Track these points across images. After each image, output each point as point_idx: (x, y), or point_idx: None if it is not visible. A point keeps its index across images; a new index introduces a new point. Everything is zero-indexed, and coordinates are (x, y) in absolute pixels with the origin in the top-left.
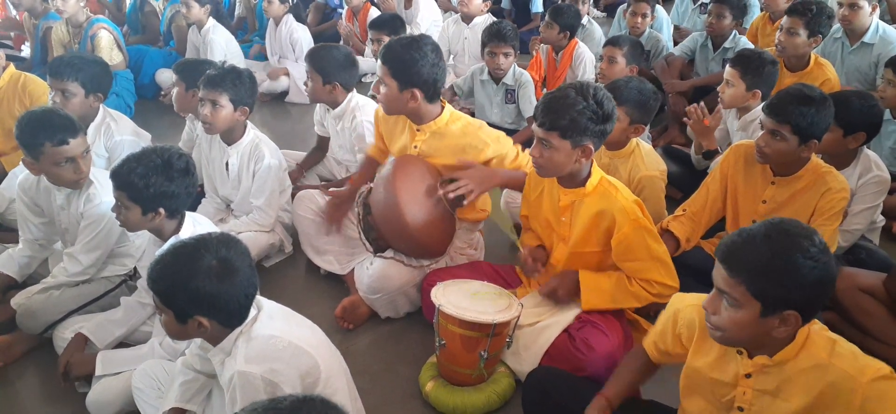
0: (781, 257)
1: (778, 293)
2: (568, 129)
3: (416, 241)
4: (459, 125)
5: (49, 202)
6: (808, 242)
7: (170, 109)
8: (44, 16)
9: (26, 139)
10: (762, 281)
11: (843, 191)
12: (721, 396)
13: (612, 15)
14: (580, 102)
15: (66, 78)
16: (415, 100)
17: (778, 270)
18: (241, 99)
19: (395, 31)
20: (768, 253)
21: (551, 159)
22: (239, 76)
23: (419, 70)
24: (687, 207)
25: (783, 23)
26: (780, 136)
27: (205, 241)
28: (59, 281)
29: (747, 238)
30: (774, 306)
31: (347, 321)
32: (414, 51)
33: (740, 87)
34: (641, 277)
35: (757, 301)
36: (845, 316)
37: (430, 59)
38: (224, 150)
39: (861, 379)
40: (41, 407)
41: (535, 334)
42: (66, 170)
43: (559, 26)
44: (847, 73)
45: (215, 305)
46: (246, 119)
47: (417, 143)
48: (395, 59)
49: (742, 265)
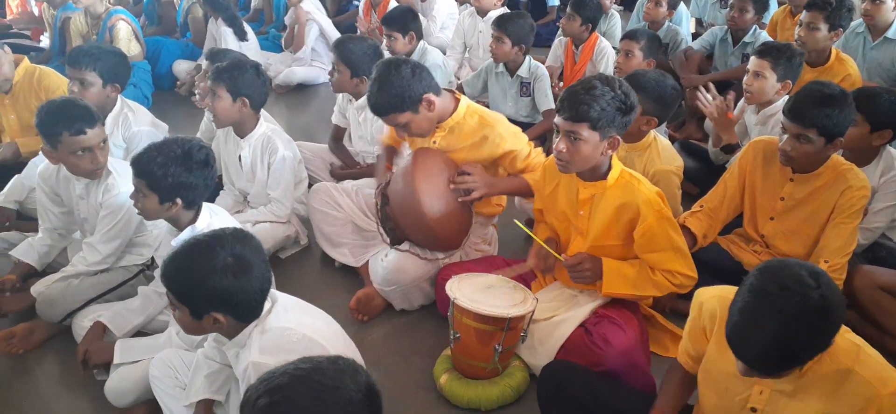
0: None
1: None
2: (597, 120)
3: (433, 232)
4: (476, 119)
5: (68, 192)
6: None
7: (187, 100)
8: (62, 6)
9: (45, 128)
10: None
11: (863, 188)
12: (734, 394)
13: (629, 8)
14: (608, 92)
15: (85, 67)
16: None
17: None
18: (240, 90)
19: (405, 28)
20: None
21: (579, 152)
22: (239, 67)
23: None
24: (704, 203)
25: (802, 18)
26: (805, 139)
27: (219, 237)
28: (78, 270)
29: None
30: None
31: (362, 313)
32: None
33: (771, 78)
34: (663, 267)
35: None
36: (864, 314)
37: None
38: (237, 144)
39: (882, 390)
40: (60, 395)
41: (551, 329)
42: (83, 159)
43: (581, 19)
44: (869, 68)
45: (231, 302)
46: (249, 110)
47: (437, 139)
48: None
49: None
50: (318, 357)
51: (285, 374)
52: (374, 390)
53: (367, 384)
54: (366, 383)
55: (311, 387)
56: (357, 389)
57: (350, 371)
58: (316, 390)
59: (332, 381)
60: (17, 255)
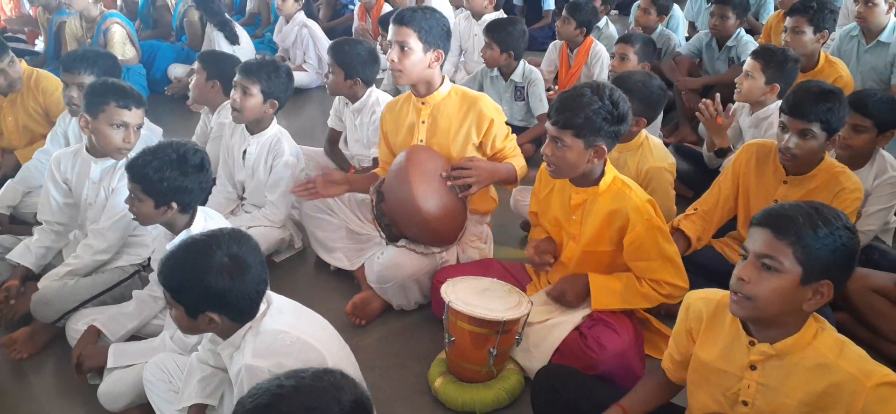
0: (827, 225)
1: (821, 260)
2: (582, 128)
3: (428, 225)
4: (460, 95)
5: (82, 176)
6: (846, 218)
7: (181, 104)
8: (57, 11)
9: (93, 95)
10: (809, 245)
11: (857, 191)
12: (726, 389)
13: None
14: (596, 102)
15: (81, 71)
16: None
17: (824, 236)
18: (272, 92)
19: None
20: (815, 220)
21: (564, 158)
22: (276, 70)
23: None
24: (698, 206)
25: (787, 23)
26: (810, 134)
27: (216, 237)
28: (83, 261)
29: (794, 205)
30: (813, 275)
31: (358, 317)
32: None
33: (760, 79)
34: (652, 277)
35: (799, 267)
36: (857, 317)
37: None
38: (245, 138)
39: (866, 383)
40: (55, 399)
41: (546, 332)
42: (116, 134)
43: (576, 22)
44: (862, 72)
45: (227, 301)
46: (274, 112)
47: (424, 118)
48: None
49: (790, 228)
50: (304, 373)
51: (268, 392)
52: (362, 404)
53: (354, 400)
54: (351, 400)
55: (293, 408)
56: (341, 409)
57: (334, 389)
58: (298, 412)
59: (315, 401)
60: (14, 258)
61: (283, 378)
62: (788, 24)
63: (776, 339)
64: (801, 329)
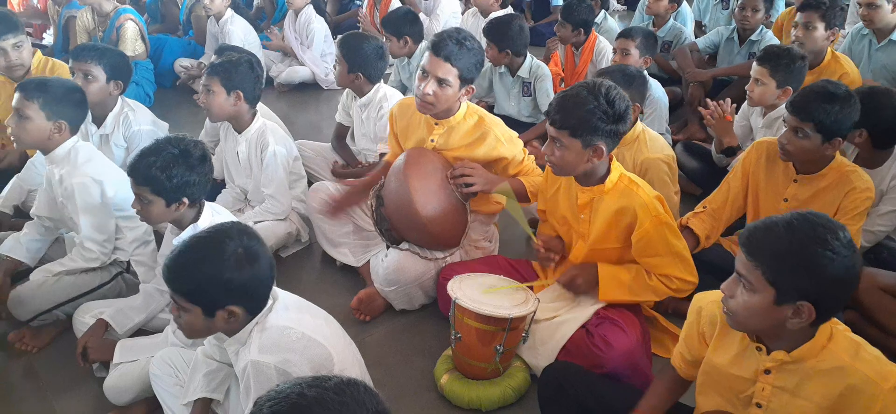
0: (801, 247)
1: (792, 282)
2: (578, 128)
3: (428, 231)
4: (475, 119)
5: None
6: (832, 237)
7: (188, 98)
8: (67, 4)
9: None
10: (778, 267)
11: (867, 190)
12: (739, 391)
13: (632, 7)
14: (591, 102)
15: (90, 60)
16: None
17: (795, 258)
18: (234, 84)
19: (399, 31)
20: (788, 241)
21: (563, 158)
22: (233, 62)
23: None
24: (707, 204)
25: (798, 19)
26: (802, 133)
27: (224, 230)
28: (77, 265)
29: (770, 224)
30: (788, 295)
31: (363, 313)
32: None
33: (770, 84)
34: (661, 272)
35: (772, 287)
36: (866, 315)
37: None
38: (236, 139)
39: (883, 385)
40: (62, 394)
41: (552, 329)
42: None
43: (572, 24)
44: (874, 70)
45: (247, 291)
46: (244, 104)
47: (434, 138)
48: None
49: (760, 250)
50: (327, 383)
51: (288, 400)
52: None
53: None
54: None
55: None
56: None
57: (356, 404)
58: None
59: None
60: (5, 251)
61: (306, 386)
62: (800, 19)
63: (783, 347)
64: (813, 336)
